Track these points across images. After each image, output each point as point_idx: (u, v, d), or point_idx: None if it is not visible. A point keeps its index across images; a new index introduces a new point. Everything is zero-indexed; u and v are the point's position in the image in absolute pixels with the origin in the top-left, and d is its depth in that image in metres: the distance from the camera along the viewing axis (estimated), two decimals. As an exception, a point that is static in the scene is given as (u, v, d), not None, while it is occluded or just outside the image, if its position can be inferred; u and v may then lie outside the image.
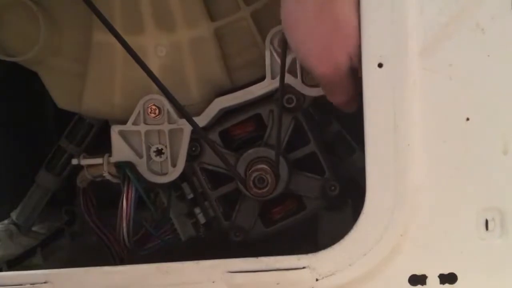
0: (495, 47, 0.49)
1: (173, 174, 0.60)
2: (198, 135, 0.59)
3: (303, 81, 0.59)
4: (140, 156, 0.60)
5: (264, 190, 0.59)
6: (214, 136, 0.61)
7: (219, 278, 0.54)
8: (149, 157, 0.60)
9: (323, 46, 0.50)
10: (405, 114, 0.50)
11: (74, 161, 0.62)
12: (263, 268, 0.54)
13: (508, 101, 0.50)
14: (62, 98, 0.63)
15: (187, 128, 0.59)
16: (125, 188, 0.59)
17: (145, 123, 0.59)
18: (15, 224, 0.74)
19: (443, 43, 0.49)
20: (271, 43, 0.58)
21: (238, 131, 0.62)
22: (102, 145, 0.63)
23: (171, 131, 0.60)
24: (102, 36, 0.59)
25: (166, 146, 0.60)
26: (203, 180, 0.62)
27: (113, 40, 0.53)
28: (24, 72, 0.63)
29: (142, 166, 0.60)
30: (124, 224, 0.59)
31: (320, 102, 0.60)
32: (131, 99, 0.60)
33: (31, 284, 0.55)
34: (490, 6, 0.48)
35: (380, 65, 0.50)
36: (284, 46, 0.54)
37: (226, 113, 0.61)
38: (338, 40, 0.49)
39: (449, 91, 0.50)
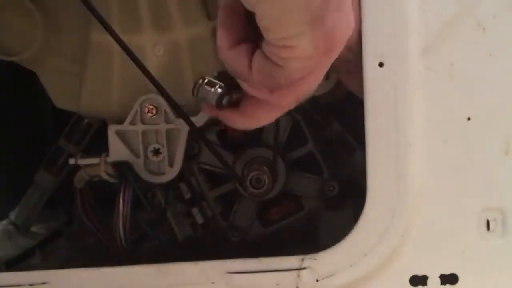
0: (497, 46, 0.49)
1: (171, 174, 0.60)
2: (195, 135, 0.59)
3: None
4: (137, 156, 0.60)
5: (261, 190, 0.59)
6: (212, 136, 0.61)
7: (218, 279, 0.54)
8: (146, 157, 0.60)
9: None
10: (406, 113, 0.50)
11: (71, 161, 0.62)
12: (263, 268, 0.54)
13: (509, 101, 0.50)
14: (60, 98, 0.63)
15: (185, 128, 0.59)
16: (122, 188, 0.59)
17: (142, 122, 0.59)
18: (13, 224, 0.74)
19: (444, 42, 0.49)
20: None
21: (235, 131, 0.61)
22: (100, 145, 0.63)
23: (168, 131, 0.59)
24: (99, 36, 0.59)
25: (163, 146, 0.59)
26: (201, 180, 0.62)
27: (111, 39, 0.53)
28: (22, 71, 0.63)
29: (139, 166, 0.60)
30: (121, 224, 0.59)
31: (320, 102, 0.60)
32: (128, 98, 0.60)
33: (29, 284, 0.55)
34: (491, 5, 0.48)
35: (381, 65, 0.49)
36: None
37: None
38: None
39: (450, 90, 0.50)
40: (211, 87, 0.42)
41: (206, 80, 0.42)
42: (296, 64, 0.36)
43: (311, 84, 0.39)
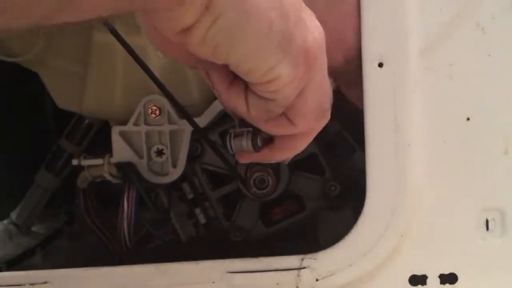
0: (496, 46, 0.49)
1: (174, 174, 0.60)
2: (198, 135, 0.59)
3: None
4: (141, 157, 0.60)
5: (265, 190, 0.59)
6: (215, 136, 0.61)
7: (219, 279, 0.54)
8: (149, 158, 0.60)
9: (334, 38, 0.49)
10: (406, 113, 0.51)
11: (75, 162, 0.62)
12: (263, 268, 0.54)
13: (508, 101, 0.50)
14: (62, 98, 0.63)
15: (188, 129, 0.59)
16: (126, 189, 0.59)
17: (146, 123, 0.59)
18: (14, 224, 0.74)
19: (443, 43, 0.50)
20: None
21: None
22: (102, 145, 0.63)
23: (171, 132, 0.59)
24: (102, 37, 0.59)
25: (166, 147, 0.60)
26: (204, 180, 0.62)
27: (114, 40, 0.53)
28: (24, 72, 0.63)
29: (142, 167, 0.60)
30: (125, 225, 0.59)
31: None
32: (131, 99, 0.60)
33: (30, 284, 0.55)
34: (491, 5, 0.49)
35: (380, 65, 0.50)
36: None
37: (227, 114, 0.61)
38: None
39: (450, 90, 0.50)
40: (240, 136, 0.41)
41: (232, 134, 0.41)
42: (286, 91, 0.36)
43: (314, 96, 0.38)
